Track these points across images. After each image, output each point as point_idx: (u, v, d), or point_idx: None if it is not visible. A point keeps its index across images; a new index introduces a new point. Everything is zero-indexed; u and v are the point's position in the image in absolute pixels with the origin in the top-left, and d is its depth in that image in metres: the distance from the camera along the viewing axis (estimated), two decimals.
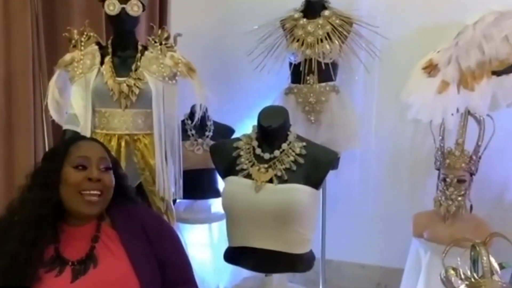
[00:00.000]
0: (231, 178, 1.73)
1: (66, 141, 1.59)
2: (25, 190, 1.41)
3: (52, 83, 2.09)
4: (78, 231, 1.40)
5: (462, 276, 1.41)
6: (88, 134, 2.02)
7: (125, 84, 2.01)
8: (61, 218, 1.40)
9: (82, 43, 2.09)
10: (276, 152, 1.70)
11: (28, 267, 1.30)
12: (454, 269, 1.43)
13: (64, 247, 1.37)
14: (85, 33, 2.10)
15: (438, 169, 2.10)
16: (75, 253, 1.36)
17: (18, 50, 2.26)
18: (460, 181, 2.01)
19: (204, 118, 2.50)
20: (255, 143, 1.74)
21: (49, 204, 1.36)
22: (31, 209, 1.35)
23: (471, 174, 2.04)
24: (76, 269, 1.34)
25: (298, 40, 2.31)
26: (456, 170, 2.02)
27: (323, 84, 2.33)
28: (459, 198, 2.01)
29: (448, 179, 2.02)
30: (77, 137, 1.76)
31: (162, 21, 2.80)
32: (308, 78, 2.32)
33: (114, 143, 2.03)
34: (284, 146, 1.70)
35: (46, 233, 1.35)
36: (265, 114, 1.75)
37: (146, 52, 2.10)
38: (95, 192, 1.37)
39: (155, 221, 1.53)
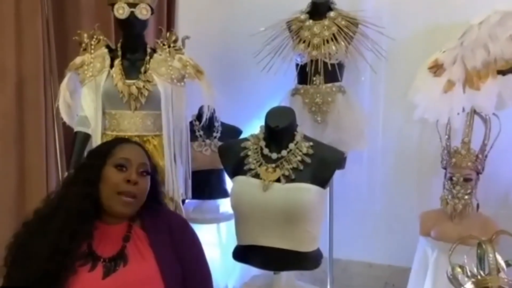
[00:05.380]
0: (239, 178, 1.75)
1: (111, 141, 1.64)
2: (67, 184, 1.46)
3: (63, 86, 2.12)
4: (110, 229, 1.45)
5: (469, 274, 1.42)
6: (98, 136, 2.05)
7: (134, 87, 2.04)
8: (95, 216, 1.44)
9: (92, 46, 2.12)
10: (284, 152, 1.72)
11: (67, 258, 1.34)
12: (460, 266, 1.45)
13: (97, 244, 1.42)
14: (95, 36, 2.13)
15: (445, 168, 2.11)
16: (107, 250, 1.41)
17: (29, 54, 2.29)
18: (467, 179, 2.02)
19: (212, 119, 2.52)
20: (262, 143, 1.76)
21: (89, 200, 1.41)
22: (73, 202, 1.40)
23: (478, 173, 2.05)
24: (107, 266, 1.38)
25: (304, 42, 2.33)
26: (462, 169, 2.03)
27: (330, 84, 2.34)
28: (466, 197, 2.02)
29: (454, 178, 2.03)
30: (122, 139, 1.77)
31: (170, 24, 2.84)
32: (314, 79, 2.33)
33: None
34: (291, 146, 1.72)
35: (85, 228, 1.40)
36: (272, 114, 1.77)
37: (155, 55, 2.13)
38: (131, 194, 1.43)
39: (180, 226, 1.56)
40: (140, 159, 1.49)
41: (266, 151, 1.73)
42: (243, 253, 1.79)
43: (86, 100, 2.11)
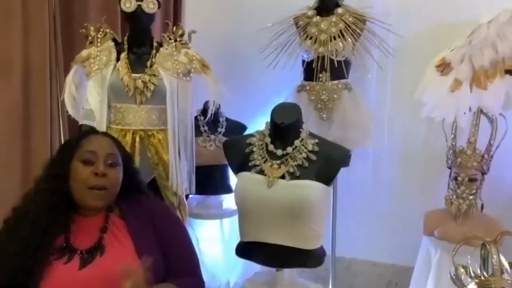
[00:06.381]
0: (244, 174, 1.75)
1: (78, 135, 1.63)
2: (40, 181, 1.46)
3: (69, 78, 2.12)
4: (87, 221, 1.45)
5: (472, 275, 1.42)
6: (103, 129, 2.05)
7: (140, 80, 2.05)
8: (72, 209, 1.45)
9: (99, 40, 2.12)
10: (289, 149, 1.71)
11: (39, 252, 1.35)
12: (464, 267, 1.44)
13: (74, 237, 1.42)
14: (102, 29, 2.13)
15: (450, 168, 2.10)
16: (84, 242, 1.41)
17: (35, 47, 2.29)
18: (472, 180, 2.01)
19: (217, 115, 2.53)
20: (268, 140, 1.75)
21: (60, 194, 1.41)
22: (44, 198, 1.40)
23: (483, 173, 2.04)
24: (84, 257, 1.38)
25: (311, 38, 2.32)
26: (467, 169, 2.02)
27: (336, 81, 2.33)
28: (470, 197, 2.01)
29: (459, 178, 2.03)
30: (90, 131, 1.79)
31: (177, 18, 2.84)
32: (320, 75, 2.32)
33: (128, 138, 2.06)
34: (297, 142, 1.72)
35: (57, 222, 1.40)
36: (278, 111, 1.76)
37: (161, 49, 2.13)
38: (101, 187, 1.42)
39: (162, 211, 1.57)
40: (107, 149, 1.47)
41: (271, 147, 1.73)
42: (246, 250, 1.79)
43: (91, 93, 2.11)
